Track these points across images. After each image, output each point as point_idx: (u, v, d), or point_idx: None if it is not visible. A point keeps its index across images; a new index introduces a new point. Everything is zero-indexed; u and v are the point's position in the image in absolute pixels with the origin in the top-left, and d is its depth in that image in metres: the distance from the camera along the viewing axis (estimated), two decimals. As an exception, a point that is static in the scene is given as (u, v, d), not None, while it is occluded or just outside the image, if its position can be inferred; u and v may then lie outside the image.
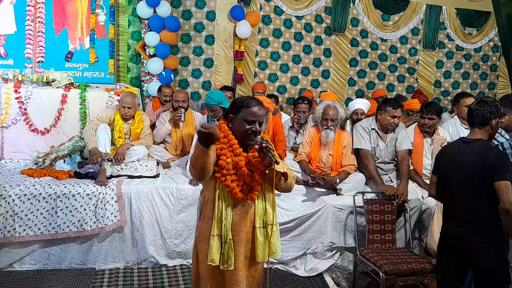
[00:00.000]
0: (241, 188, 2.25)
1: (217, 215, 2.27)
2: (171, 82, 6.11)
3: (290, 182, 2.31)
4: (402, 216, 3.86)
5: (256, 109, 2.26)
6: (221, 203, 2.27)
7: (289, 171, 2.31)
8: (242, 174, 2.24)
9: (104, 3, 5.67)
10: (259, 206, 2.31)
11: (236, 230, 2.30)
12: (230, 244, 2.26)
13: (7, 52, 5.29)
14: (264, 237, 2.32)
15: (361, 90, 7.41)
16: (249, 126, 2.24)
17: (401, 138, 4.08)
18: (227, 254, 2.26)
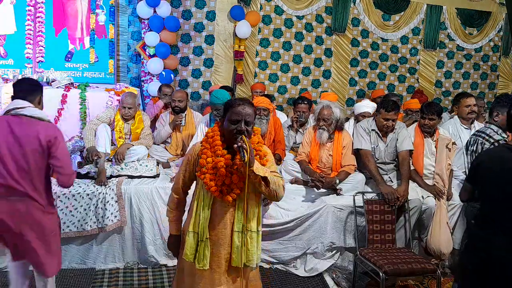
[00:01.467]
0: (219, 188, 2.23)
1: (195, 212, 2.30)
2: (171, 82, 6.11)
3: (274, 189, 2.19)
4: (402, 216, 3.86)
5: (240, 108, 2.22)
6: (200, 201, 2.29)
7: (276, 179, 2.22)
8: (221, 175, 2.21)
9: (104, 3, 5.67)
10: (239, 210, 2.26)
11: (216, 230, 2.29)
12: (206, 244, 2.26)
13: (7, 52, 5.29)
14: (242, 243, 2.26)
15: (362, 90, 7.40)
16: (234, 126, 2.21)
17: (401, 138, 4.07)
18: (203, 253, 2.26)
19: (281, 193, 2.24)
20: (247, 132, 2.20)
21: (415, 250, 3.97)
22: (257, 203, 2.32)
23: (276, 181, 2.20)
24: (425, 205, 3.91)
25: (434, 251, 3.82)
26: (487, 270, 2.56)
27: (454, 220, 4.04)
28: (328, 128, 4.13)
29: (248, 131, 2.21)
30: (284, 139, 4.61)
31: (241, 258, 2.25)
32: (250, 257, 2.28)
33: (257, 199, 2.32)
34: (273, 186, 2.17)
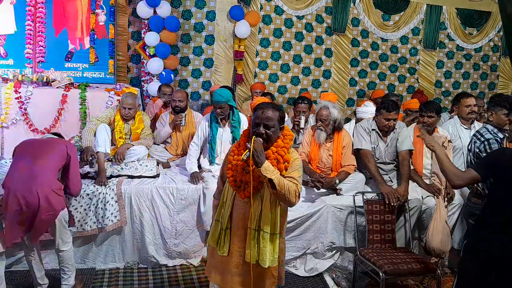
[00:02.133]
0: (238, 184, 2.41)
1: (221, 203, 2.52)
2: (171, 82, 6.11)
3: (283, 194, 2.25)
4: (402, 216, 3.86)
5: (260, 112, 2.37)
6: (225, 193, 2.50)
7: (289, 184, 2.27)
8: (239, 172, 2.40)
9: (104, 3, 5.66)
10: (255, 208, 2.37)
11: (234, 223, 2.45)
12: (227, 233, 2.45)
13: (7, 52, 5.28)
14: (255, 240, 2.37)
15: (362, 90, 7.40)
16: (253, 129, 2.37)
17: (401, 138, 4.07)
18: (223, 241, 2.45)
19: (292, 200, 2.29)
20: (266, 135, 2.34)
21: (415, 250, 3.98)
22: (274, 206, 2.38)
23: (287, 186, 2.25)
24: (425, 205, 3.92)
25: (433, 250, 3.82)
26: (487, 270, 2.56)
27: (453, 220, 4.04)
28: (326, 129, 4.13)
29: (267, 134, 2.34)
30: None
31: (253, 255, 2.37)
32: (261, 256, 2.36)
33: (275, 201, 2.38)
34: (282, 190, 2.23)
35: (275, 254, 2.40)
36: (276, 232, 2.39)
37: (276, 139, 2.41)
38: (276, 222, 2.39)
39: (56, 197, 3.09)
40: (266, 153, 2.34)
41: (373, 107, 4.76)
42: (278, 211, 2.40)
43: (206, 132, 4.19)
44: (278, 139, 2.42)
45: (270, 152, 2.36)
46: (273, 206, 2.37)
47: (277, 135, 2.41)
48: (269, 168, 2.23)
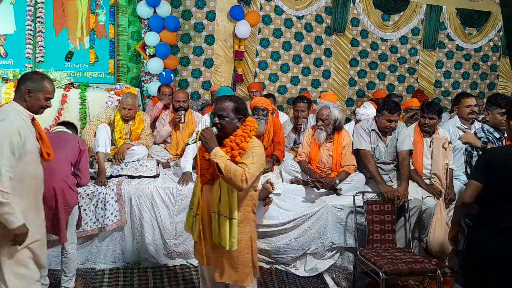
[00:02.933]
0: (202, 172, 2.58)
1: (193, 191, 2.72)
2: (171, 82, 6.11)
3: (229, 177, 2.34)
4: (402, 216, 3.86)
5: (215, 105, 2.59)
6: (197, 182, 2.67)
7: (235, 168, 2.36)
8: (201, 160, 2.56)
9: (104, 3, 5.67)
10: (215, 193, 2.51)
11: (203, 208, 2.59)
12: (197, 219, 2.61)
13: (7, 52, 5.29)
14: (216, 224, 2.51)
15: (361, 90, 7.40)
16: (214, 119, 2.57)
17: (401, 138, 4.07)
18: (195, 227, 2.64)
19: (238, 183, 2.35)
20: (221, 125, 2.50)
21: (415, 250, 3.98)
22: (232, 191, 2.47)
23: (234, 170, 2.35)
24: (425, 205, 3.91)
25: (435, 251, 3.82)
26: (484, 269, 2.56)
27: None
28: (326, 128, 4.13)
29: (221, 123, 2.50)
30: (284, 141, 4.60)
31: (216, 237, 2.52)
32: (223, 239, 2.48)
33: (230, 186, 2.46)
34: (228, 174, 2.33)
35: (232, 238, 2.48)
36: (233, 217, 2.48)
37: (235, 129, 2.53)
38: (233, 207, 2.48)
39: (71, 192, 3.12)
40: (224, 141, 2.49)
41: (373, 108, 4.76)
42: (235, 196, 2.48)
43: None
44: (238, 129, 2.54)
45: (228, 141, 2.49)
46: (230, 191, 2.47)
47: (235, 125, 2.53)
48: (218, 154, 2.38)
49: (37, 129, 2.61)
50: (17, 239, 2.40)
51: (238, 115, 2.54)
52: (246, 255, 2.59)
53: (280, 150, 4.46)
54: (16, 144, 2.38)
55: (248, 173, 2.37)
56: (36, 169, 2.60)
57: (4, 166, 2.33)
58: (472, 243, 2.66)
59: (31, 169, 2.54)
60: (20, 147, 2.40)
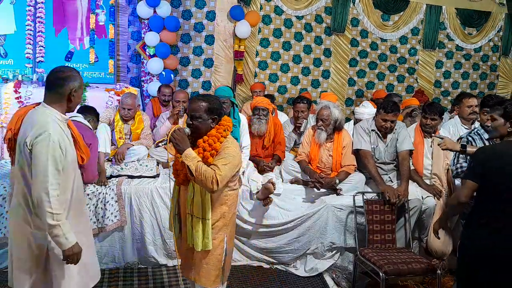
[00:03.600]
0: (177, 173, 2.58)
1: (173, 191, 2.72)
2: (171, 82, 6.11)
3: (199, 179, 2.32)
4: (402, 216, 3.86)
5: (188, 105, 2.59)
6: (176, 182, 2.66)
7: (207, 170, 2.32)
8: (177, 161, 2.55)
9: (104, 3, 5.67)
10: (188, 194, 2.50)
11: (181, 208, 2.63)
12: (176, 219, 2.65)
13: (7, 52, 5.29)
14: (190, 225, 2.51)
15: (361, 90, 7.40)
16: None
17: (401, 138, 4.07)
18: (174, 225, 2.66)
19: (209, 185, 2.32)
20: (193, 125, 2.48)
21: (415, 250, 3.98)
22: (205, 192, 2.45)
23: (204, 172, 2.32)
24: (425, 205, 3.92)
25: (435, 252, 3.82)
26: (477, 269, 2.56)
27: (454, 221, 4.04)
28: (326, 129, 4.13)
29: (194, 124, 2.48)
30: (284, 141, 4.61)
31: (189, 239, 2.53)
32: (195, 240, 2.48)
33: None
34: (198, 176, 2.31)
35: (206, 239, 2.48)
36: (206, 218, 2.47)
37: (209, 129, 2.51)
38: (205, 207, 2.46)
39: None
40: (197, 142, 2.48)
41: (372, 108, 4.76)
42: (207, 197, 2.46)
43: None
44: (212, 129, 2.51)
45: (201, 141, 2.47)
46: (202, 192, 2.45)
47: (208, 125, 2.50)
48: (189, 155, 2.35)
49: (72, 132, 2.43)
50: (70, 260, 2.27)
51: (212, 116, 2.50)
52: (218, 256, 2.57)
53: (281, 150, 4.47)
54: (59, 158, 2.21)
55: (219, 175, 2.32)
56: (77, 177, 2.46)
57: (51, 185, 2.16)
58: (464, 243, 2.66)
59: (72, 177, 2.39)
60: (63, 160, 2.24)
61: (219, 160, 2.39)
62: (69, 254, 2.25)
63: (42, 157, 2.16)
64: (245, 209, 3.94)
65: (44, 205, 2.14)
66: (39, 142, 2.16)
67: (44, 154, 2.16)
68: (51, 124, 2.22)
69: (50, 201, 2.15)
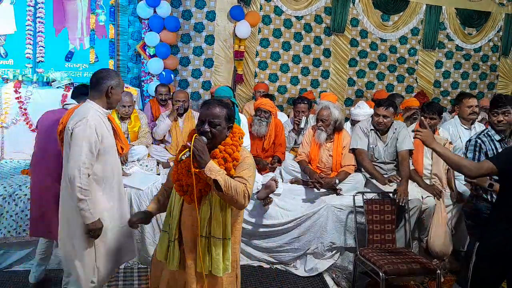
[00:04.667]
0: (184, 188, 2.19)
1: (168, 211, 2.33)
2: (171, 82, 6.12)
3: (230, 195, 2.04)
4: (402, 216, 3.86)
5: (205, 109, 2.20)
6: (172, 200, 2.30)
7: (236, 184, 2.08)
8: (183, 174, 2.19)
9: (104, 3, 5.67)
10: (203, 214, 2.18)
11: (184, 232, 2.24)
12: (176, 244, 2.24)
13: (7, 52, 5.29)
14: (205, 248, 2.19)
15: (360, 90, 7.41)
16: (198, 126, 2.20)
17: (401, 138, 4.07)
18: (172, 254, 2.25)
19: (241, 201, 2.08)
20: (211, 133, 2.16)
21: (415, 250, 3.98)
22: (225, 209, 2.19)
23: (234, 187, 2.06)
24: (425, 205, 3.92)
25: (436, 252, 3.82)
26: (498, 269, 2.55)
27: (454, 221, 4.05)
28: (326, 129, 4.14)
29: (212, 132, 2.16)
30: (285, 142, 4.62)
31: (206, 265, 2.19)
32: (215, 265, 2.19)
33: (225, 204, 2.19)
34: (229, 191, 2.03)
35: (226, 261, 2.21)
36: (228, 237, 2.20)
37: (224, 138, 2.22)
38: (227, 226, 2.19)
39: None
40: (213, 152, 2.16)
41: (367, 108, 4.78)
42: (229, 214, 2.20)
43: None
44: (226, 138, 2.23)
45: (217, 151, 2.17)
46: (223, 209, 2.18)
47: (225, 134, 2.21)
48: (213, 169, 2.04)
49: (112, 125, 2.78)
50: (92, 233, 2.54)
51: (229, 123, 2.23)
52: (230, 278, 2.30)
53: (281, 151, 4.48)
54: (94, 143, 2.49)
55: (250, 189, 2.12)
56: (116, 164, 2.75)
57: (83, 164, 2.44)
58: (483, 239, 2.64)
59: (112, 164, 2.67)
60: (98, 145, 2.52)
61: (243, 172, 2.17)
62: (92, 228, 2.51)
63: (79, 139, 2.45)
64: (245, 209, 3.93)
65: (75, 180, 2.42)
66: (77, 126, 2.47)
67: (81, 137, 2.45)
68: (90, 113, 2.54)
69: (81, 177, 2.42)
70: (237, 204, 2.10)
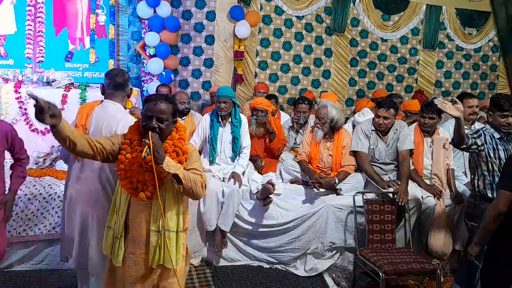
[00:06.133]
0: (135, 186, 2.20)
1: (113, 208, 2.32)
2: (171, 82, 6.12)
3: (189, 187, 2.13)
4: (402, 216, 3.86)
5: (152, 105, 2.19)
6: (119, 198, 2.30)
7: (194, 176, 2.16)
8: (135, 171, 2.20)
9: (104, 3, 5.67)
10: (155, 208, 2.22)
11: (132, 228, 2.27)
12: (121, 241, 2.26)
13: (7, 52, 5.29)
14: (160, 243, 2.23)
15: (361, 90, 7.40)
16: (145, 122, 2.19)
17: (402, 138, 4.07)
18: (117, 251, 2.26)
19: (199, 191, 2.19)
20: (160, 129, 2.18)
21: (415, 250, 3.97)
22: (177, 202, 2.26)
23: (193, 179, 2.15)
24: (425, 205, 3.92)
25: (436, 252, 3.82)
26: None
27: (454, 221, 4.04)
28: (322, 127, 4.14)
29: (160, 128, 2.19)
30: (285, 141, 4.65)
31: (156, 258, 2.23)
32: (167, 258, 2.23)
33: (176, 197, 2.26)
34: (187, 183, 2.13)
35: (178, 254, 2.28)
36: (181, 230, 2.28)
37: (170, 133, 2.27)
38: (179, 219, 2.27)
39: None
40: (164, 147, 2.20)
41: (371, 115, 4.77)
42: (181, 207, 2.29)
43: (206, 132, 4.19)
44: (171, 132, 2.28)
45: (167, 146, 2.22)
46: (177, 203, 2.26)
47: (170, 128, 2.26)
48: (170, 163, 2.11)
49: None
50: None
51: (174, 118, 2.29)
52: (185, 267, 2.40)
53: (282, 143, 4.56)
54: None
55: (205, 179, 2.20)
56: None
57: None
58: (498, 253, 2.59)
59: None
60: None
61: (195, 164, 2.27)
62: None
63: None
64: (245, 209, 3.94)
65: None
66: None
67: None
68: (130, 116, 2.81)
69: None
70: (195, 195, 2.19)
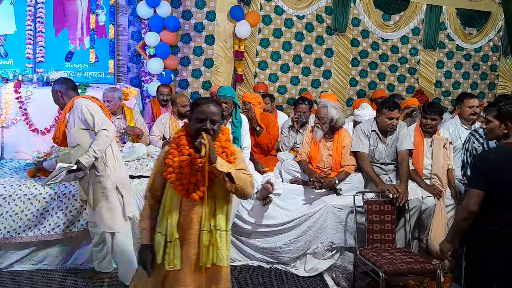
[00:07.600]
0: (186, 187, 2.24)
1: (163, 212, 2.32)
2: (171, 82, 6.12)
3: (240, 186, 2.19)
4: (402, 216, 3.86)
5: (205, 107, 2.25)
6: (168, 201, 2.31)
7: (244, 176, 2.23)
8: (186, 173, 2.23)
9: (104, 3, 5.67)
10: (207, 208, 2.25)
11: (183, 230, 2.28)
12: (176, 244, 2.25)
13: (7, 52, 5.29)
14: (210, 242, 2.26)
15: (362, 90, 7.40)
16: (199, 125, 2.24)
17: (402, 138, 4.06)
18: (173, 254, 2.25)
19: (248, 190, 2.24)
20: (213, 130, 2.24)
21: (415, 250, 3.97)
22: (227, 201, 2.32)
23: (243, 178, 2.21)
24: (425, 205, 3.91)
25: (436, 252, 3.82)
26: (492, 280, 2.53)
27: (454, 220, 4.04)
28: (322, 127, 4.14)
29: (214, 129, 2.24)
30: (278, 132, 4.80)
31: (209, 257, 2.26)
32: (220, 256, 2.27)
33: (226, 197, 2.32)
34: (239, 183, 2.18)
35: (228, 252, 2.33)
36: (229, 229, 2.34)
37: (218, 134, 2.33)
38: (228, 218, 2.33)
39: None
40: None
41: (370, 109, 4.76)
42: (230, 207, 2.34)
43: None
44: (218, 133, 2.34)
45: (216, 147, 2.26)
46: (226, 202, 2.31)
47: (219, 131, 2.32)
48: (223, 163, 2.17)
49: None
50: None
51: (222, 120, 2.38)
52: (228, 268, 2.42)
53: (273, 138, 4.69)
54: None
55: (253, 178, 2.29)
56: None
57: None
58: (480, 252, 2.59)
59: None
60: None
61: (242, 164, 2.31)
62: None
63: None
64: (245, 209, 3.94)
65: None
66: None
67: None
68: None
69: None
70: (245, 194, 2.23)
